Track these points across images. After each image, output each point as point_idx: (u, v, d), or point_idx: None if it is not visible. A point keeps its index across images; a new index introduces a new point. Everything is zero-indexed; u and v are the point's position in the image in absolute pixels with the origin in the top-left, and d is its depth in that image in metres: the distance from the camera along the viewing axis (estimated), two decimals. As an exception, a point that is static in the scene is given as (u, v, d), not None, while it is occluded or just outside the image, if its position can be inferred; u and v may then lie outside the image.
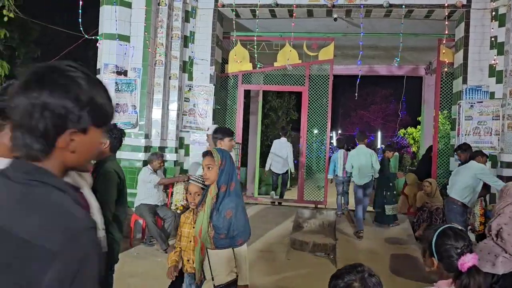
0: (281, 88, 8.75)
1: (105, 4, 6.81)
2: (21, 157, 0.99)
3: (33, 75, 0.98)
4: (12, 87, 1.05)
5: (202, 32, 7.52)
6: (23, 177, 0.96)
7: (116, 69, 6.78)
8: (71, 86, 0.98)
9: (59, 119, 0.96)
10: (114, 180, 2.84)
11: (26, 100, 0.95)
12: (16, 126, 0.98)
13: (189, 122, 7.46)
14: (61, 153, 1.00)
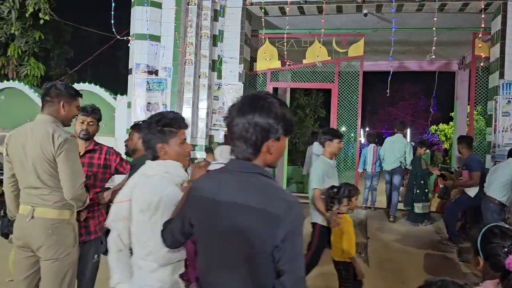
0: (310, 85, 8.69)
1: (136, 5, 6.92)
2: (238, 158, 1.51)
3: (245, 103, 1.50)
4: (232, 110, 1.53)
5: (231, 31, 7.55)
6: (243, 171, 1.49)
7: (147, 68, 6.89)
8: (271, 109, 1.46)
9: (265, 132, 1.46)
10: None
11: (244, 120, 1.46)
12: (236, 138, 1.49)
13: (219, 121, 7.51)
14: (263, 155, 1.50)
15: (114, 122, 7.52)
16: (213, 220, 1.49)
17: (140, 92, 6.86)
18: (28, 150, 2.66)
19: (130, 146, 3.19)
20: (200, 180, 1.63)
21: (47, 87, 2.84)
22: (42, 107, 2.80)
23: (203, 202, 1.53)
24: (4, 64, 9.75)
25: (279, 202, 1.41)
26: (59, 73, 11.25)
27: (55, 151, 2.61)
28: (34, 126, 2.73)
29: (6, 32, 9.22)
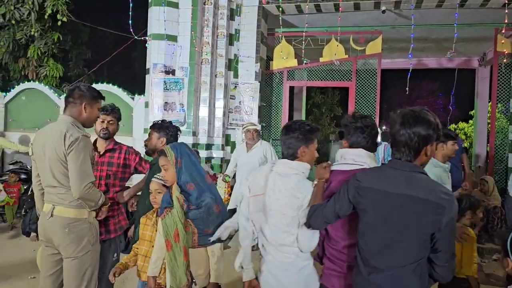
0: (327, 84, 8.61)
1: (153, 5, 6.96)
2: (401, 160, 1.91)
3: (408, 117, 1.88)
4: (394, 122, 1.94)
5: (247, 30, 7.52)
6: (407, 170, 1.88)
7: (164, 68, 6.92)
8: (430, 121, 1.86)
9: (425, 140, 1.86)
10: None
11: (409, 131, 1.85)
12: (402, 145, 1.89)
13: (235, 120, 7.50)
14: (421, 157, 1.89)
15: (132, 121, 7.58)
16: (386, 208, 1.89)
17: (157, 91, 6.89)
18: (46, 150, 2.69)
19: (150, 146, 3.19)
20: (365, 175, 2.02)
21: (71, 89, 2.87)
22: (65, 108, 2.83)
23: (375, 193, 1.92)
24: (25, 65, 9.93)
25: (442, 195, 1.79)
26: (77, 74, 11.40)
27: (66, 150, 2.62)
28: (54, 126, 2.77)
29: (26, 34, 9.38)
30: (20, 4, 9.03)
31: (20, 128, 8.30)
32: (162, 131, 3.12)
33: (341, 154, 2.33)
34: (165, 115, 6.80)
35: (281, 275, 2.27)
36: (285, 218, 2.27)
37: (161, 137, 3.11)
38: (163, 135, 3.10)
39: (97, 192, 2.75)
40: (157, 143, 3.11)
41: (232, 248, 5.62)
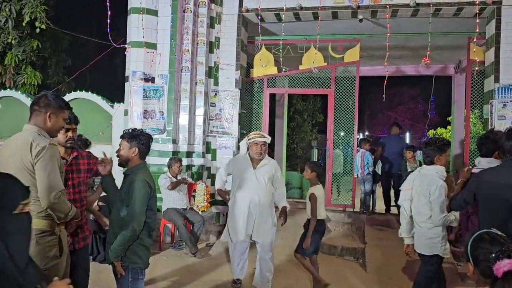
0: (307, 91, 8.70)
1: (132, 13, 6.96)
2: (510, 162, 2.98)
3: (510, 133, 2.98)
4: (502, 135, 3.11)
5: (227, 38, 7.57)
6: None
7: (143, 76, 6.91)
8: None
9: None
10: (144, 190, 2.89)
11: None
12: (508, 153, 2.98)
13: (216, 127, 7.52)
14: None
15: (111, 130, 7.52)
16: (501, 196, 2.88)
17: (136, 99, 6.87)
18: (11, 159, 2.63)
19: (122, 157, 3.05)
20: (487, 173, 3.08)
21: (37, 97, 2.83)
22: (30, 117, 2.77)
23: (494, 184, 2.94)
24: (1, 73, 9.78)
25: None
26: (57, 81, 11.26)
27: (33, 159, 2.57)
28: (18, 136, 2.71)
29: (3, 41, 9.25)
30: (-3, 11, 8.93)
31: (-3, 137, 8.15)
32: (134, 140, 3.04)
33: (478, 161, 3.63)
34: (145, 123, 6.78)
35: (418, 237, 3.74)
36: (421, 203, 3.63)
37: (132, 147, 3.03)
38: (134, 144, 3.03)
39: (66, 203, 2.71)
40: (129, 153, 3.04)
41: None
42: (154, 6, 6.98)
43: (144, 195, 2.87)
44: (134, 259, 2.93)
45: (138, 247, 2.93)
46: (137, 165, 3.02)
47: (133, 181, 2.89)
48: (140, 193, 2.85)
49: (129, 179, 2.95)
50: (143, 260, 2.98)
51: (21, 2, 8.96)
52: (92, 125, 7.18)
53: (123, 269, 2.91)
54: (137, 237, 2.89)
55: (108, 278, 3.61)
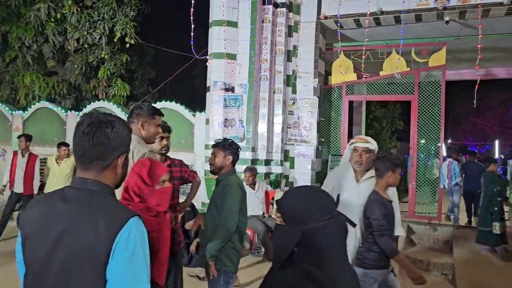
0: (388, 97, 8.39)
1: (214, 25, 7.21)
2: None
3: None
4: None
5: (305, 46, 7.56)
6: None
7: (224, 86, 7.11)
8: None
9: None
10: (237, 193, 2.99)
11: None
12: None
13: (294, 135, 7.51)
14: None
15: (193, 138, 7.83)
16: None
17: (217, 108, 7.09)
18: None
19: (216, 164, 3.20)
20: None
21: (131, 108, 3.03)
22: None
23: None
24: (95, 86, 10.62)
25: None
26: (143, 92, 12.00)
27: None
28: None
29: (97, 56, 10.05)
30: (92, 29, 9.72)
31: (91, 145, 8.83)
32: (228, 149, 3.20)
33: None
34: (225, 132, 6.97)
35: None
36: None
37: (227, 155, 3.19)
38: (228, 153, 3.19)
39: None
40: (224, 161, 3.19)
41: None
42: (234, 18, 7.18)
43: (238, 198, 2.99)
44: (227, 262, 3.03)
45: (231, 251, 3.03)
46: (228, 172, 3.15)
47: (226, 185, 3.02)
48: (233, 196, 2.97)
49: (222, 184, 3.08)
50: (234, 264, 3.07)
51: (113, 20, 9.69)
52: (175, 134, 7.48)
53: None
54: (230, 238, 2.98)
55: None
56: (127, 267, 1.32)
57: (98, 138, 1.42)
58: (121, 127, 1.48)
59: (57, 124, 9.19)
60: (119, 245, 1.31)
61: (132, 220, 1.36)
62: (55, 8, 9.59)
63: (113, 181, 1.50)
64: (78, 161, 1.46)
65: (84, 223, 1.34)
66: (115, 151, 1.45)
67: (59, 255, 1.35)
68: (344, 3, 7.16)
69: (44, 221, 1.41)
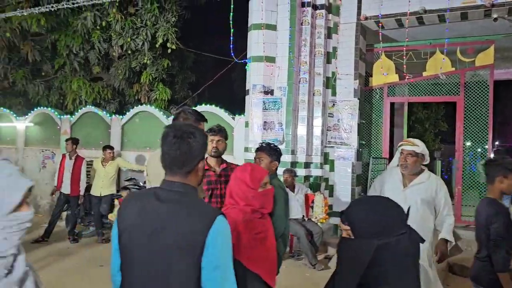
0: (431, 99, 8.15)
1: (253, 29, 7.26)
2: None
3: None
4: None
5: (345, 47, 7.47)
6: None
7: (263, 89, 7.14)
8: None
9: None
10: (282, 196, 2.99)
11: None
12: None
13: (334, 138, 7.43)
14: None
15: (232, 141, 7.90)
16: None
17: (256, 111, 7.13)
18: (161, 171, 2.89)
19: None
20: None
21: (177, 112, 3.09)
22: None
23: None
24: (138, 90, 10.94)
25: None
26: (183, 96, 12.25)
27: None
28: None
29: (140, 62, 10.35)
30: (135, 36, 10.03)
31: (134, 148, 9.12)
32: (274, 154, 3.19)
33: None
34: (264, 134, 6.99)
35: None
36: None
37: (273, 160, 3.18)
38: (275, 158, 3.18)
39: None
40: (270, 166, 3.18)
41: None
42: (273, 21, 7.20)
43: (283, 200, 2.97)
44: None
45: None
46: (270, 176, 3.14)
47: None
48: (280, 198, 2.96)
49: None
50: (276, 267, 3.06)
51: (155, 27, 9.96)
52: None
53: None
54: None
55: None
56: (218, 257, 1.56)
57: (183, 148, 1.66)
58: (200, 137, 1.71)
59: (102, 128, 9.54)
60: (211, 239, 1.54)
61: (219, 217, 1.59)
62: (101, 16, 9.96)
63: (195, 182, 1.75)
64: (166, 167, 1.73)
65: (179, 220, 1.58)
66: (197, 158, 1.70)
67: (158, 245, 1.58)
68: (385, 3, 7.02)
69: (142, 216, 1.64)
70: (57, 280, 5.16)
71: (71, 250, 6.80)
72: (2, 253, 1.19)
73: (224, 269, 1.58)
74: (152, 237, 1.59)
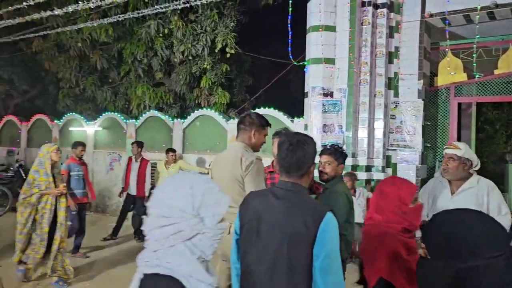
0: (504, 98, 7.62)
1: (311, 31, 7.21)
2: None
3: None
4: None
5: (408, 46, 7.19)
6: None
7: (322, 91, 7.06)
8: None
9: None
10: (344, 201, 2.93)
11: None
12: None
13: (396, 140, 7.18)
14: None
15: (291, 143, 7.87)
16: None
17: (316, 114, 7.06)
18: (223, 173, 2.96)
19: (330, 173, 3.13)
20: None
21: (242, 116, 3.14)
22: (237, 134, 3.10)
23: None
24: (198, 95, 11.24)
25: None
26: (241, 100, 12.41)
27: (243, 172, 2.84)
28: (229, 152, 3.06)
29: (200, 67, 10.63)
30: (196, 42, 10.31)
31: (195, 151, 9.37)
32: (341, 157, 3.16)
33: None
34: (324, 137, 6.91)
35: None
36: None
37: (340, 164, 3.15)
38: (341, 161, 3.15)
39: None
40: (337, 169, 3.14)
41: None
42: (332, 22, 7.11)
43: (344, 208, 2.92)
44: None
45: None
46: (336, 179, 3.09)
47: (333, 193, 2.96)
48: (339, 205, 2.90)
49: (329, 192, 3.03)
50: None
51: (214, 32, 10.19)
52: (274, 140, 7.65)
53: None
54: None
55: None
56: (327, 247, 1.79)
57: (299, 154, 1.93)
58: (311, 144, 2.00)
59: (164, 131, 9.90)
60: (322, 232, 1.78)
61: (329, 214, 1.83)
62: (163, 24, 10.35)
63: (307, 183, 2.01)
64: (282, 170, 1.99)
65: (295, 215, 1.84)
66: (309, 162, 1.96)
67: (276, 236, 1.85)
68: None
69: (262, 210, 1.93)
70: (129, 276, 5.41)
71: (139, 249, 7.10)
72: (207, 257, 1.43)
73: (332, 258, 1.79)
74: (271, 228, 1.86)
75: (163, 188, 1.44)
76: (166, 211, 1.38)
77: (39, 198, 4.88)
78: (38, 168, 4.96)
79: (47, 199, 4.93)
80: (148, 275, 1.43)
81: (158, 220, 1.41)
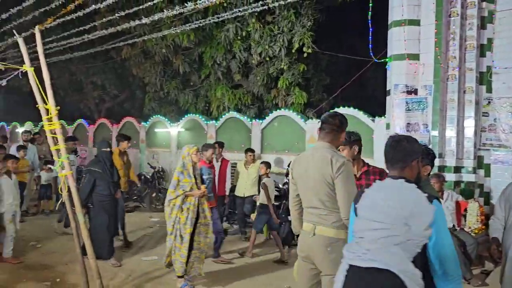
0: None
1: (393, 26, 6.93)
2: None
3: None
4: None
5: (503, 37, 6.65)
6: None
7: (406, 88, 6.76)
8: None
9: None
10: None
11: None
12: None
13: (490, 139, 6.66)
14: None
15: (372, 143, 7.64)
16: None
17: (399, 112, 6.77)
18: (310, 174, 2.92)
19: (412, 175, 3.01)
20: None
21: (330, 116, 3.07)
22: (322, 134, 3.03)
23: None
24: (275, 95, 11.32)
25: None
26: (318, 99, 12.28)
27: (334, 174, 2.78)
28: (314, 152, 2.99)
29: (277, 68, 10.70)
30: (273, 43, 10.39)
31: (273, 151, 9.45)
32: (426, 158, 2.98)
33: None
34: (408, 136, 6.59)
35: None
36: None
37: (425, 165, 2.98)
38: (427, 162, 2.97)
39: None
40: (422, 171, 2.98)
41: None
42: (416, 16, 6.77)
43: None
44: None
45: None
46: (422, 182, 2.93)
47: None
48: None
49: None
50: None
51: (291, 32, 10.19)
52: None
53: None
54: None
55: None
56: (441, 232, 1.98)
57: (398, 148, 2.20)
58: (411, 141, 2.26)
59: (243, 132, 10.11)
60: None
61: (435, 201, 2.01)
62: (241, 27, 10.57)
63: (410, 176, 2.20)
64: (388, 163, 2.27)
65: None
66: (410, 156, 2.20)
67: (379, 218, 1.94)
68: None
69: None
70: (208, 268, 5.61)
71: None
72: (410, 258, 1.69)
73: (443, 236, 1.99)
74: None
75: (374, 195, 1.81)
76: (379, 217, 1.67)
77: (183, 199, 5.02)
78: (182, 169, 5.10)
79: (191, 200, 5.06)
80: (362, 268, 1.73)
81: (370, 223, 1.70)
